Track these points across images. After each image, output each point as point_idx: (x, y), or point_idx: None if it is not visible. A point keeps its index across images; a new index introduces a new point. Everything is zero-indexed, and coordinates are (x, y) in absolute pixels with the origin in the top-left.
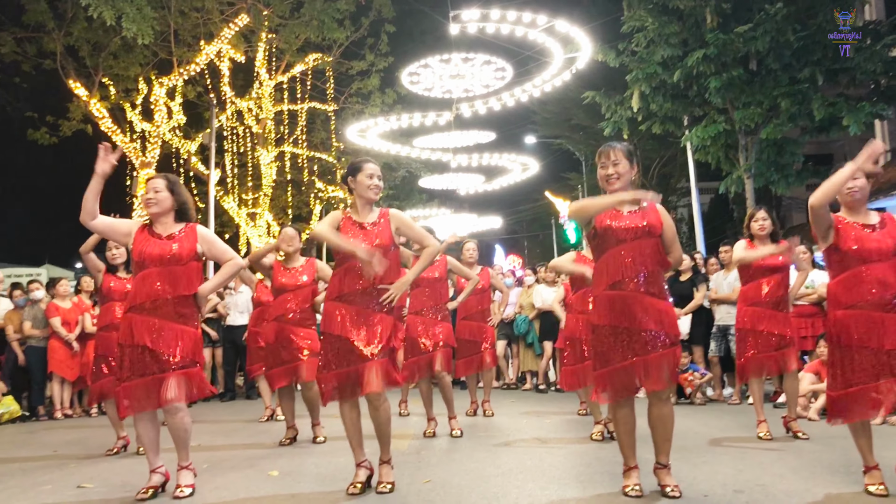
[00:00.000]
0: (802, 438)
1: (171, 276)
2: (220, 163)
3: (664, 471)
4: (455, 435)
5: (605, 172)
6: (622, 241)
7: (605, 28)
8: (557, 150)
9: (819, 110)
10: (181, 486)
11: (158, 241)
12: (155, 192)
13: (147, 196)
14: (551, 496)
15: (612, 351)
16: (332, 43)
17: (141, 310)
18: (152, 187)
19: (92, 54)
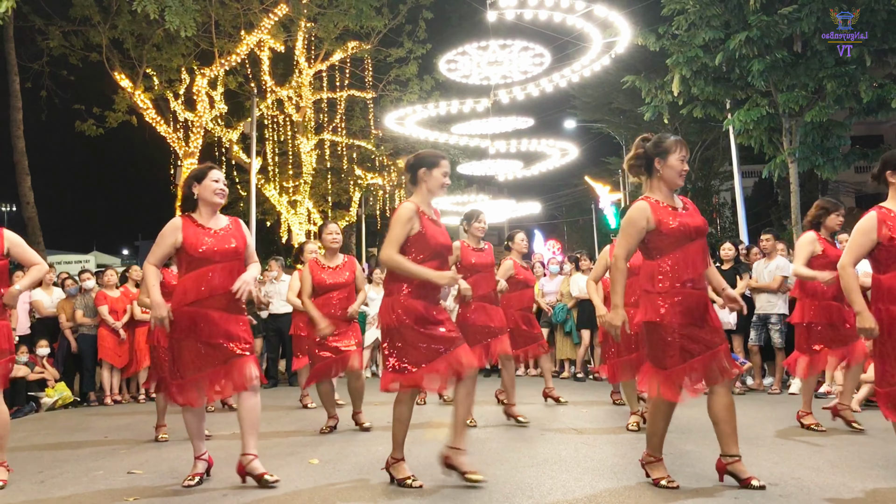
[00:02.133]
0: (858, 429)
1: (232, 270)
2: (261, 151)
3: (740, 462)
4: (523, 421)
5: (684, 168)
6: (692, 240)
7: (645, 11)
8: (597, 134)
9: (867, 92)
10: (267, 474)
11: (217, 236)
12: (224, 185)
13: (219, 187)
14: (585, 487)
15: (692, 344)
16: (371, 31)
17: (204, 304)
18: (220, 178)
19: (136, 46)
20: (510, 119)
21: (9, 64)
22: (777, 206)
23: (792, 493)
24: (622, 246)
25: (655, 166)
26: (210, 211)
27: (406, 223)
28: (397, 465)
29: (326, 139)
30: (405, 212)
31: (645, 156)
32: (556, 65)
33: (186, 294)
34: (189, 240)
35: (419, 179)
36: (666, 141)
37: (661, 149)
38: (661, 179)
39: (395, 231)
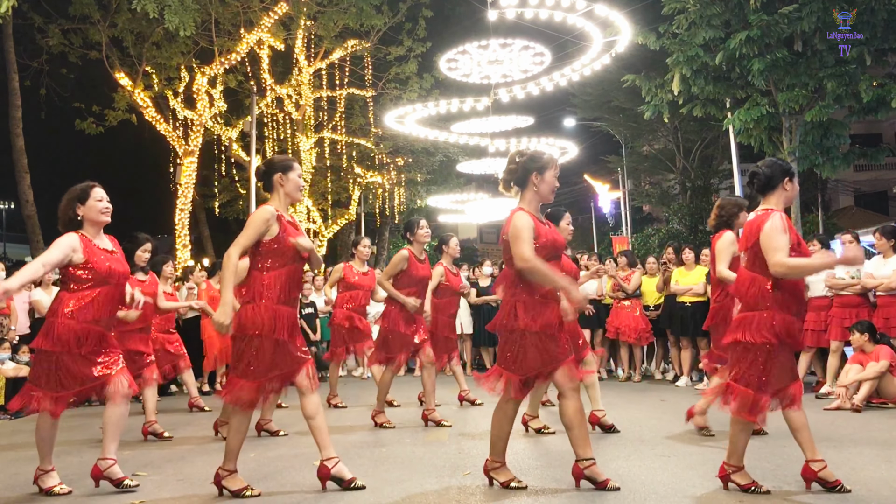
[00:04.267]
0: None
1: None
2: (260, 149)
3: (596, 465)
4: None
5: (556, 185)
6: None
7: (645, 10)
8: (597, 132)
9: (866, 91)
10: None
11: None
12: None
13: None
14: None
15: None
16: (371, 29)
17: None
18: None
19: (135, 44)
20: (510, 118)
21: (8, 62)
22: None
23: (799, 495)
24: (529, 249)
25: (532, 180)
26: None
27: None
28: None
29: (326, 137)
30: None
31: (521, 169)
32: (557, 63)
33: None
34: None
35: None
36: (544, 157)
37: (539, 164)
38: (537, 193)
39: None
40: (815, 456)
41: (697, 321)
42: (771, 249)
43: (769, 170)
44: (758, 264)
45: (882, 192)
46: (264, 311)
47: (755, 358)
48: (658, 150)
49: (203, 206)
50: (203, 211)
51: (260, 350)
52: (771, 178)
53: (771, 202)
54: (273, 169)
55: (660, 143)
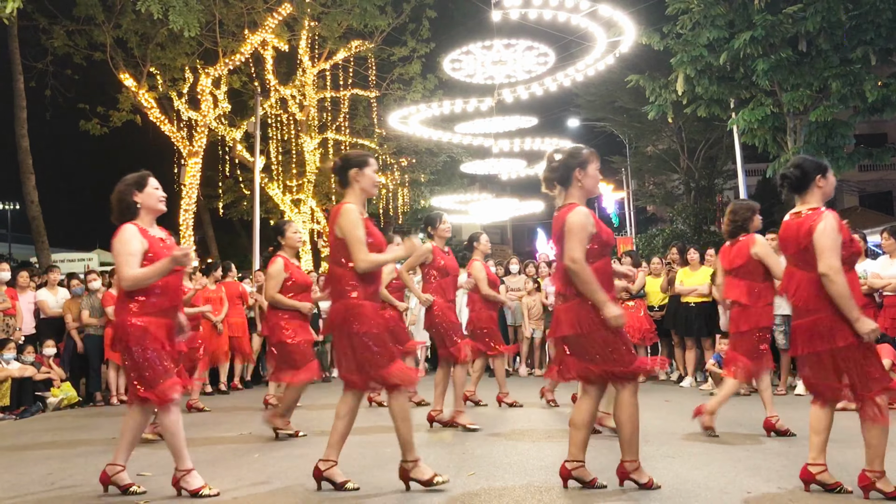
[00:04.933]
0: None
1: None
2: (264, 150)
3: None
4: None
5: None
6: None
7: (650, 11)
8: (601, 133)
9: (871, 91)
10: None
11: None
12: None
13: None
14: (594, 489)
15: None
16: (374, 29)
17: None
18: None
19: (140, 46)
20: (514, 118)
21: (13, 63)
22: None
23: (801, 498)
24: (579, 250)
25: (576, 176)
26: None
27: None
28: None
29: (330, 138)
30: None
31: (563, 167)
32: (560, 64)
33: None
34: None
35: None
36: (584, 152)
37: (580, 159)
38: (582, 189)
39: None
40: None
41: (702, 321)
42: (826, 250)
43: (798, 170)
44: (810, 265)
45: (887, 192)
46: (363, 306)
47: (859, 359)
48: (662, 151)
49: (207, 206)
50: (207, 212)
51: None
52: (802, 177)
53: (811, 201)
54: (349, 164)
55: (664, 143)
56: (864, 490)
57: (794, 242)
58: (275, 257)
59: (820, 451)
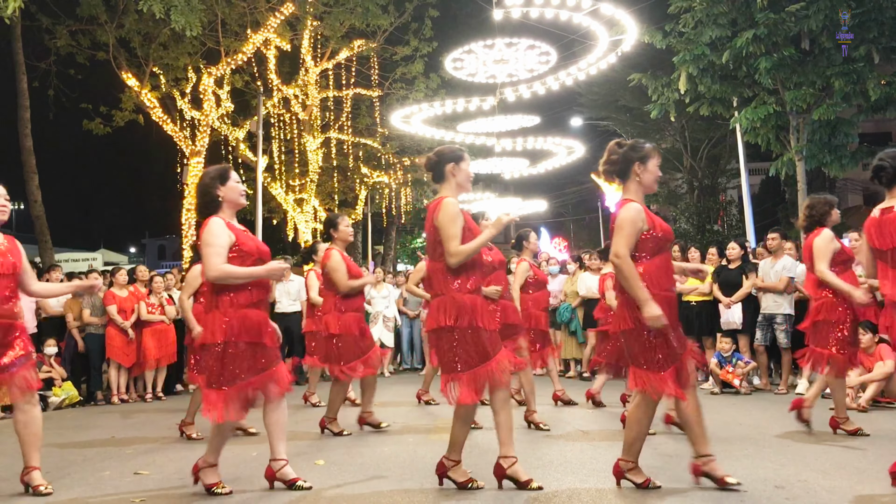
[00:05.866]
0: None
1: None
2: (267, 150)
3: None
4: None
5: (659, 175)
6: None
7: (652, 9)
8: (603, 132)
9: (875, 90)
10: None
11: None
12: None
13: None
14: (591, 490)
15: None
16: (377, 29)
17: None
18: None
19: (143, 45)
20: (516, 117)
21: (16, 63)
22: (784, 205)
23: (799, 496)
24: (624, 246)
25: (635, 170)
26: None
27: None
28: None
29: (333, 137)
30: (452, 207)
31: (623, 160)
32: (563, 63)
33: None
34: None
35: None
36: (645, 146)
37: (641, 153)
38: (640, 184)
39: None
40: None
41: (703, 320)
42: None
43: (895, 161)
44: None
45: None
46: (466, 299)
47: None
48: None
49: None
50: None
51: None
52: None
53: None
54: (444, 159)
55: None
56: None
57: (889, 239)
58: (329, 251)
59: None
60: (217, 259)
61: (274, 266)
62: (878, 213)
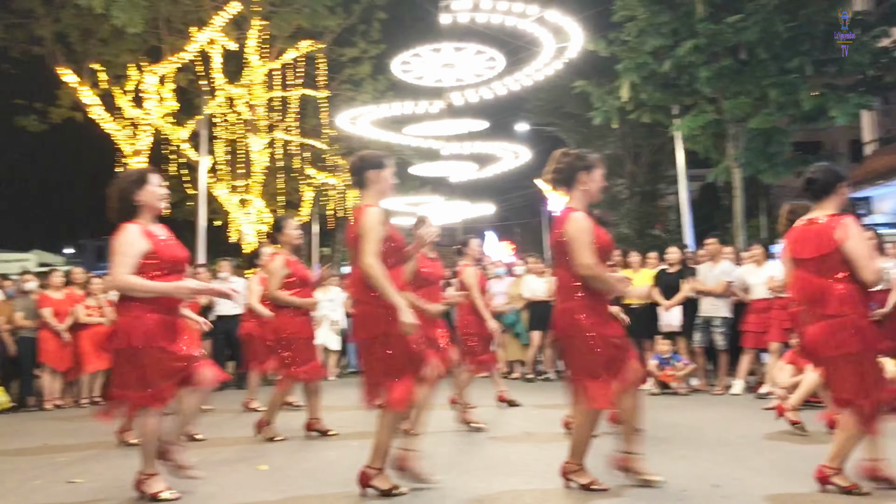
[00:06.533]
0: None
1: None
2: (211, 150)
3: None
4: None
5: (604, 184)
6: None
7: (596, 18)
8: (548, 137)
9: (807, 100)
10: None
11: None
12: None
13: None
14: (535, 491)
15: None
16: (324, 30)
17: None
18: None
19: (81, 41)
20: (464, 121)
21: None
22: (721, 210)
23: (734, 494)
24: (590, 255)
25: (580, 179)
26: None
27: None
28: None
29: (278, 138)
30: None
31: (568, 168)
32: (509, 68)
33: None
34: None
35: (368, 182)
36: (590, 156)
37: (586, 162)
38: (585, 193)
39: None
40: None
41: (643, 322)
42: (864, 257)
43: (825, 175)
44: (833, 271)
45: None
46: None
47: (851, 366)
48: (607, 156)
49: None
50: None
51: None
52: (828, 183)
53: (829, 208)
54: (367, 165)
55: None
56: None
57: (812, 249)
58: (274, 254)
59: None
60: (122, 269)
61: (181, 286)
62: (803, 224)
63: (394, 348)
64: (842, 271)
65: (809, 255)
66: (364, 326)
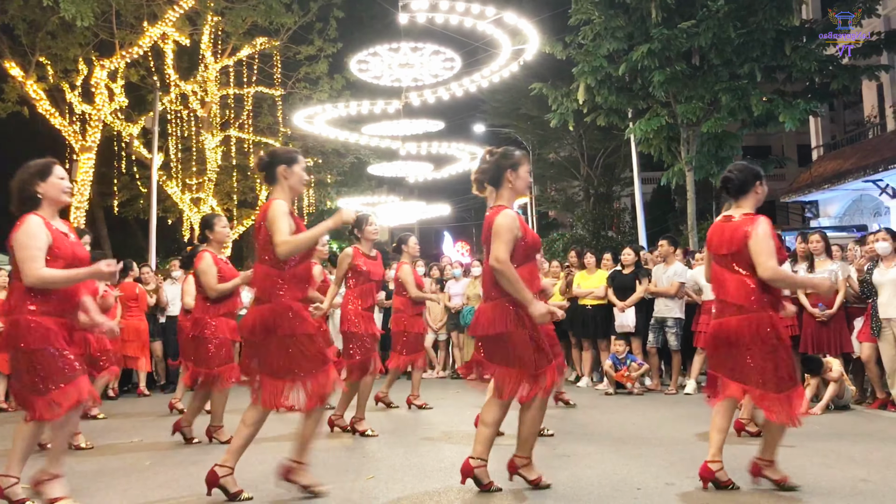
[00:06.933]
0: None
1: None
2: (163, 147)
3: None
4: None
5: (530, 181)
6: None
7: (553, 21)
8: (505, 139)
9: (757, 106)
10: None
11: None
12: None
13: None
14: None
15: None
16: (280, 27)
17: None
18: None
19: (28, 33)
20: (421, 121)
21: None
22: (674, 213)
23: (687, 492)
24: (505, 251)
25: (507, 177)
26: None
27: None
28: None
29: (233, 136)
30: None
31: (494, 167)
32: (467, 69)
33: None
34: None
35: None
36: (516, 154)
37: (512, 160)
38: (513, 190)
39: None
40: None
41: (598, 323)
42: (764, 253)
43: (742, 174)
44: (743, 266)
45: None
46: (287, 308)
47: (766, 359)
48: (563, 158)
49: (101, 204)
50: (101, 209)
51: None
52: (745, 182)
53: (746, 206)
54: (277, 161)
55: (565, 150)
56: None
57: (726, 245)
58: (201, 253)
59: (718, 448)
60: (34, 264)
61: (101, 266)
62: (720, 220)
63: (294, 348)
64: (752, 267)
65: (724, 251)
66: (260, 323)
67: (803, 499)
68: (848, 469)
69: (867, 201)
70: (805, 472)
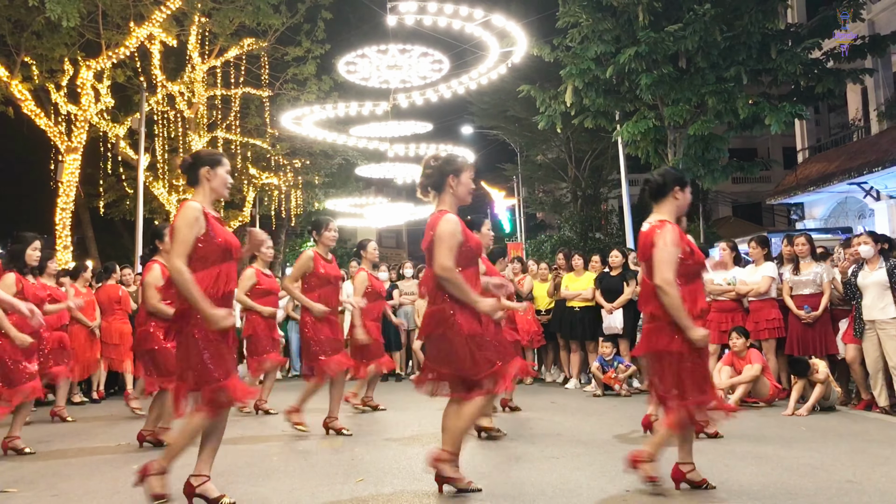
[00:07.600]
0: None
1: None
2: (149, 148)
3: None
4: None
5: (473, 187)
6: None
7: (541, 23)
8: (493, 140)
9: (743, 108)
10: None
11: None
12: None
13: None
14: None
15: None
16: (268, 28)
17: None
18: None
19: (13, 32)
20: (409, 123)
21: None
22: None
23: (673, 491)
24: (449, 258)
25: (449, 183)
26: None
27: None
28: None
29: (220, 137)
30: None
31: (437, 173)
32: (455, 71)
33: None
34: None
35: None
36: (458, 159)
37: (454, 166)
38: (454, 196)
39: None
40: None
41: (586, 325)
42: (660, 262)
43: (661, 178)
44: (650, 275)
45: (757, 203)
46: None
47: (669, 366)
48: (551, 160)
49: (87, 205)
50: (87, 211)
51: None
52: (663, 185)
53: (663, 211)
54: (200, 162)
55: (553, 152)
56: (676, 482)
57: (641, 251)
58: (151, 263)
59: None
60: None
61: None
62: (644, 227)
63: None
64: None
65: (643, 258)
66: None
67: (789, 500)
68: (834, 470)
69: (852, 203)
70: (791, 473)
